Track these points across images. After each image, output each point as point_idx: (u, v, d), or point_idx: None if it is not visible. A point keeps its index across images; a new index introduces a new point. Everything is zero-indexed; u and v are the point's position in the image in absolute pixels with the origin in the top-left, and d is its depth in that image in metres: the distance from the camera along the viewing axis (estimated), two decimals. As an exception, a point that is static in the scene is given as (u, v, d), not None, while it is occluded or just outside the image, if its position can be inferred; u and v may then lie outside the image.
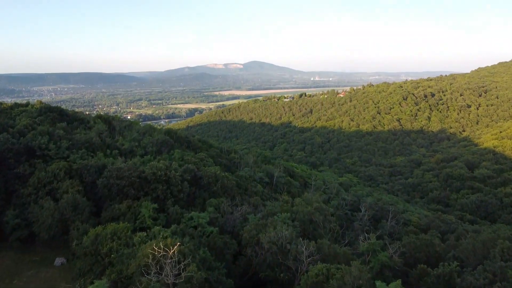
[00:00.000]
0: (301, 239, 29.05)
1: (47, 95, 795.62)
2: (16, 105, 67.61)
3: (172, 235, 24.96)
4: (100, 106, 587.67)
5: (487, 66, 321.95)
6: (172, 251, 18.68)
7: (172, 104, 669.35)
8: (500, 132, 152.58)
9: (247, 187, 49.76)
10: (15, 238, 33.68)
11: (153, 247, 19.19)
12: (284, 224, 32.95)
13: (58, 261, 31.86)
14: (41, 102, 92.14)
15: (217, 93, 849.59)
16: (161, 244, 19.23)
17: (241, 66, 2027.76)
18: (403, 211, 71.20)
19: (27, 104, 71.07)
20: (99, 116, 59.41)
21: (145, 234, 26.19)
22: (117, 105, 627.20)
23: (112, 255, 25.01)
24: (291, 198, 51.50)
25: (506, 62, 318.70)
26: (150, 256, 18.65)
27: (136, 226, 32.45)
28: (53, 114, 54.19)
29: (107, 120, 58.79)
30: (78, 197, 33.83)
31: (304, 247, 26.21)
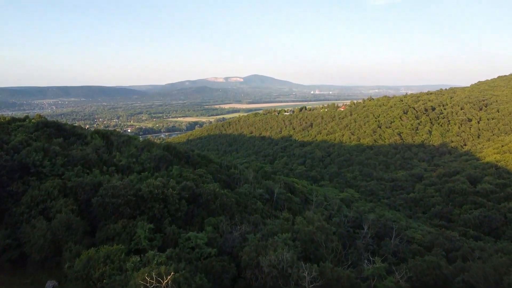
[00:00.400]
0: (302, 263, 27.75)
1: (48, 108, 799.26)
2: (13, 119, 66.86)
3: (167, 260, 23.77)
4: (100, 120, 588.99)
5: (487, 80, 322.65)
6: (165, 281, 17.51)
7: (172, 117, 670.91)
8: (502, 146, 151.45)
9: (247, 204, 48.54)
10: (6, 259, 32.30)
11: (145, 277, 18.02)
12: (285, 245, 31.80)
13: (50, 284, 30.47)
14: (40, 116, 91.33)
15: (217, 106, 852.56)
16: (153, 273, 18.08)
17: (242, 80, 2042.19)
18: (406, 227, 69.74)
19: (24, 119, 70.29)
20: (96, 131, 58.51)
21: (138, 259, 24.93)
22: (118, 118, 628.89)
23: (104, 281, 23.80)
24: (291, 215, 50.31)
25: (505, 76, 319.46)
26: (142, 287, 17.49)
27: (131, 247, 31.25)
28: (50, 129, 53.27)
29: (105, 135, 57.84)
30: (72, 217, 32.64)
31: (307, 272, 24.95)
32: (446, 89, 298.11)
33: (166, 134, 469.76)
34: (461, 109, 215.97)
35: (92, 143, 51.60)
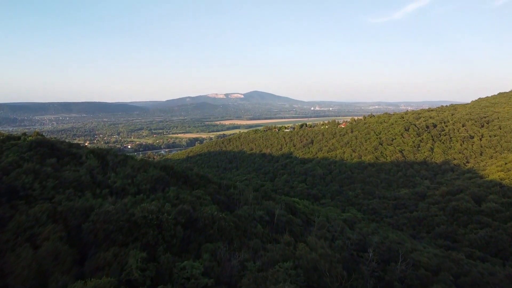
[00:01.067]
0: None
1: (49, 124, 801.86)
2: (8, 138, 65.42)
3: (158, 300, 21.79)
4: (101, 136, 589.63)
5: (487, 97, 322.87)
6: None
7: (173, 133, 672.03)
8: (506, 163, 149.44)
9: (246, 228, 46.49)
10: (-13, 292, 30.25)
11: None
12: (287, 276, 29.82)
13: (33, 319, 28.37)
14: (37, 133, 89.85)
15: (218, 122, 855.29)
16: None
17: (242, 96, 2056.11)
18: (411, 250, 67.30)
19: (19, 137, 68.79)
20: (92, 151, 56.84)
21: (126, 298, 22.94)
22: (118, 134, 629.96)
23: (89, 320, 21.77)
24: (293, 238, 48.34)
25: (506, 92, 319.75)
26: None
27: (122, 278, 29.18)
28: (44, 149, 51.66)
29: (100, 155, 56.15)
30: (60, 245, 30.63)
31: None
32: (447, 106, 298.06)
33: (166, 150, 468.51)
34: (463, 126, 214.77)
35: (86, 163, 49.87)
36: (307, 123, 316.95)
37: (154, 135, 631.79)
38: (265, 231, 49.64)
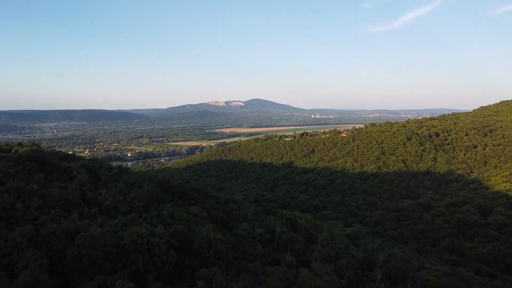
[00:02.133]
0: None
1: (49, 132, 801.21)
2: (-2, 150, 62.95)
3: None
4: (101, 143, 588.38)
5: (490, 105, 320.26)
6: None
7: (173, 141, 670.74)
8: (511, 174, 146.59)
9: (245, 249, 43.60)
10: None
11: None
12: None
13: None
14: (33, 143, 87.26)
15: (218, 130, 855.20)
16: None
17: (242, 104, 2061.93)
18: (418, 268, 64.33)
19: (10, 149, 66.34)
20: (83, 165, 54.15)
21: None
22: (118, 142, 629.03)
23: None
24: (294, 258, 45.64)
25: (508, 100, 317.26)
26: None
27: (108, 312, 26.42)
28: (32, 164, 48.93)
29: (93, 170, 53.39)
30: (39, 275, 27.78)
31: None
32: (449, 115, 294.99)
33: (166, 158, 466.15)
34: (466, 135, 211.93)
35: (76, 179, 47.12)
36: (308, 132, 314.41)
37: (154, 143, 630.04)
38: (265, 251, 46.71)
